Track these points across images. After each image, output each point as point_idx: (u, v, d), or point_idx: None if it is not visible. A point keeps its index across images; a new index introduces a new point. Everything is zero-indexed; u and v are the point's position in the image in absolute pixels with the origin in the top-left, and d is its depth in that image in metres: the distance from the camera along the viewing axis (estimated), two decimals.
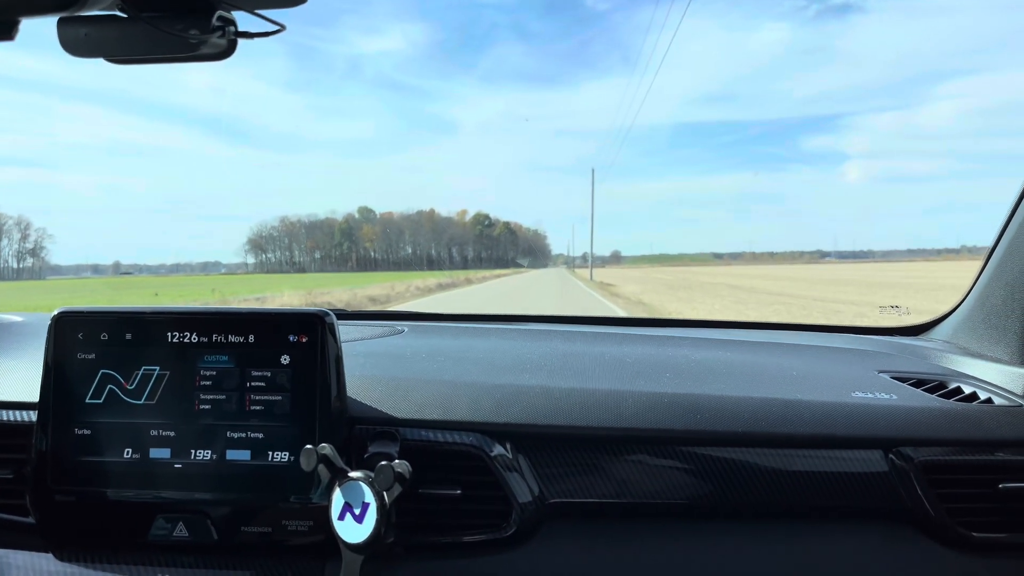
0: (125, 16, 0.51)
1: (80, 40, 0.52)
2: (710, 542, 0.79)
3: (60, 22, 0.52)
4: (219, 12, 0.50)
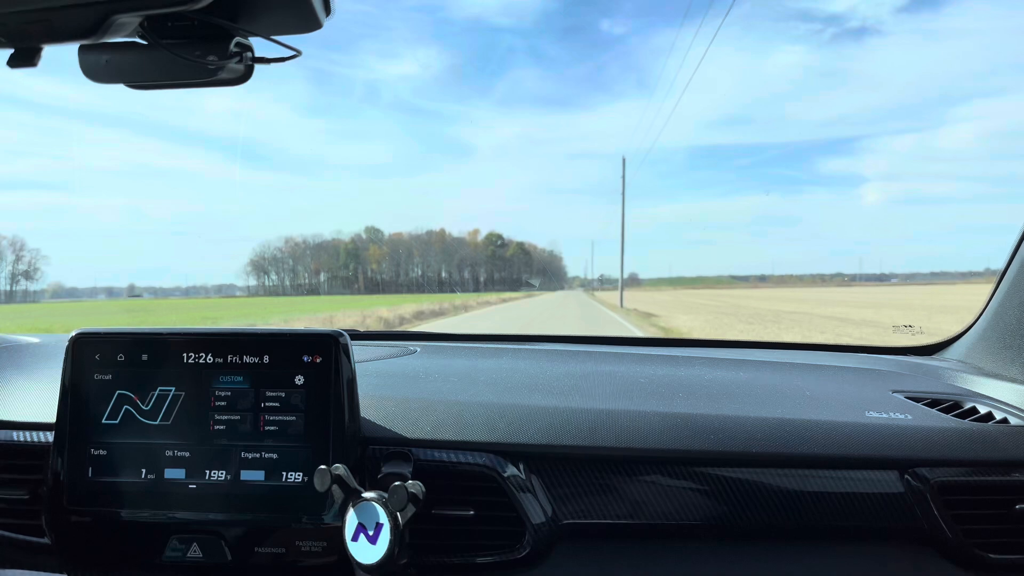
0: (145, 43, 0.54)
1: (101, 67, 0.56)
2: (725, 563, 0.81)
3: (81, 49, 0.55)
4: (236, 38, 0.54)
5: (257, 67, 0.59)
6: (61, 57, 0.55)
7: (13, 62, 0.52)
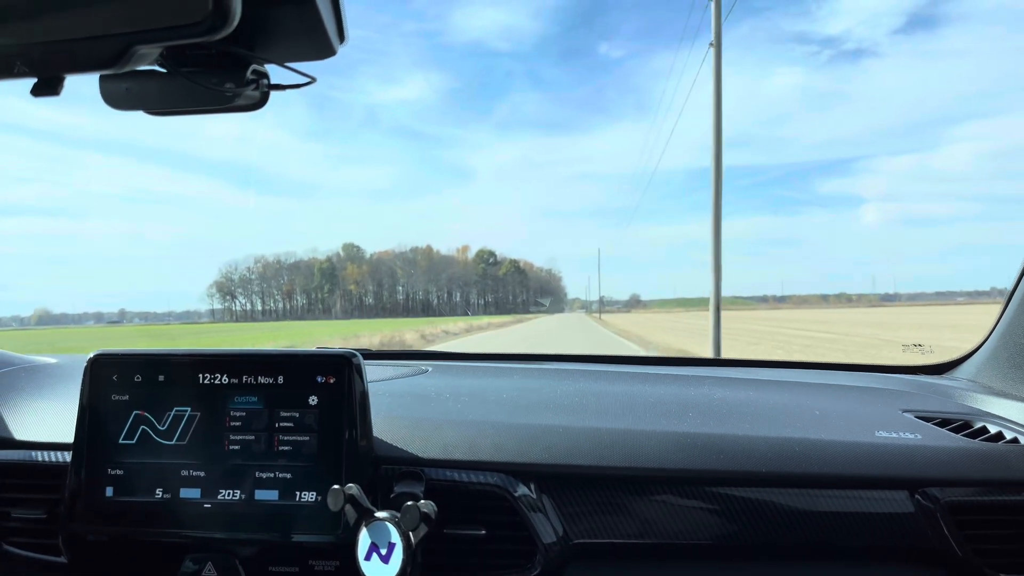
0: (164, 71, 0.59)
1: (121, 94, 0.62)
2: None
3: (102, 78, 0.61)
4: (253, 66, 0.59)
5: (271, 93, 0.70)
6: (75, 84, 0.59)
7: (37, 91, 0.56)
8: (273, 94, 0.63)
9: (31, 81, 0.56)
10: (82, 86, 0.61)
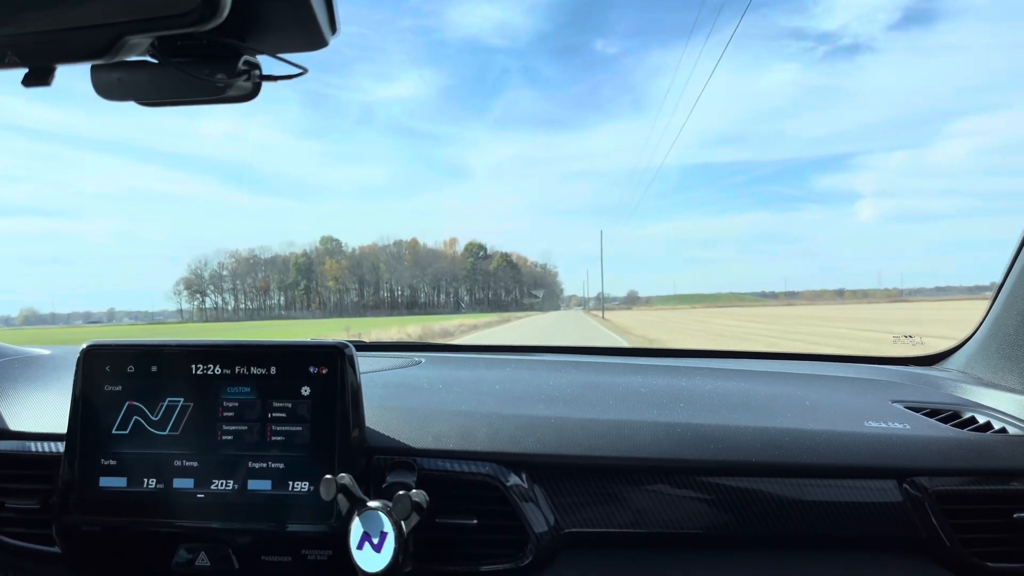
0: (156, 62, 0.62)
1: (113, 84, 0.65)
2: (725, 571, 0.92)
3: (93, 68, 0.64)
4: (244, 57, 0.62)
5: (263, 84, 0.73)
6: (66, 84, 0.63)
7: (28, 81, 0.59)
8: (268, 89, 0.66)
9: (21, 73, 0.57)
10: (73, 82, 0.64)
